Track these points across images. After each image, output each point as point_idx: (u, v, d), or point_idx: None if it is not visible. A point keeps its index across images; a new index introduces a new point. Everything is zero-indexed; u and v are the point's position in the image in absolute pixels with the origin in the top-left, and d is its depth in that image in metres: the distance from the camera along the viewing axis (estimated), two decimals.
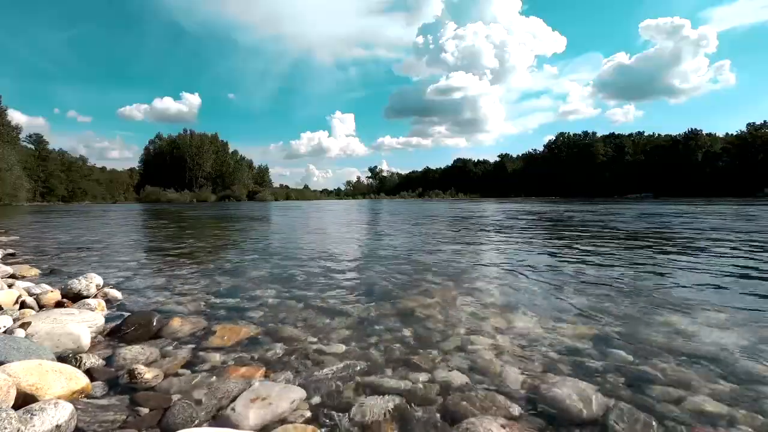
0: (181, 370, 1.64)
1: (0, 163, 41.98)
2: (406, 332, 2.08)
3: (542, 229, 8.56)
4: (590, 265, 3.97)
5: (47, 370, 1.38)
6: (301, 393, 1.42)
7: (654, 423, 1.26)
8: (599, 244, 5.74)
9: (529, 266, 4.01)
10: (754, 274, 3.51)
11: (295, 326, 2.18)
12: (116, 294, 2.80)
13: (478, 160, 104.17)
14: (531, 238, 6.70)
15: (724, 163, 58.11)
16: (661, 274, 3.54)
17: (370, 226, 10.45)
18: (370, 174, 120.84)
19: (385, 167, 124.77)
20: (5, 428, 1.03)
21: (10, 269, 3.39)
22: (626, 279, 3.32)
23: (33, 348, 1.57)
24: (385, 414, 1.33)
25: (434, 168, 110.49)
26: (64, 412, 1.17)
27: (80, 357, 1.66)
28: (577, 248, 5.30)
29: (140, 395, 1.42)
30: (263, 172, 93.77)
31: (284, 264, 4.24)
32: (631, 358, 1.74)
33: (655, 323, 2.19)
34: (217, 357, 1.77)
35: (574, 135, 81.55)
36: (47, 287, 2.76)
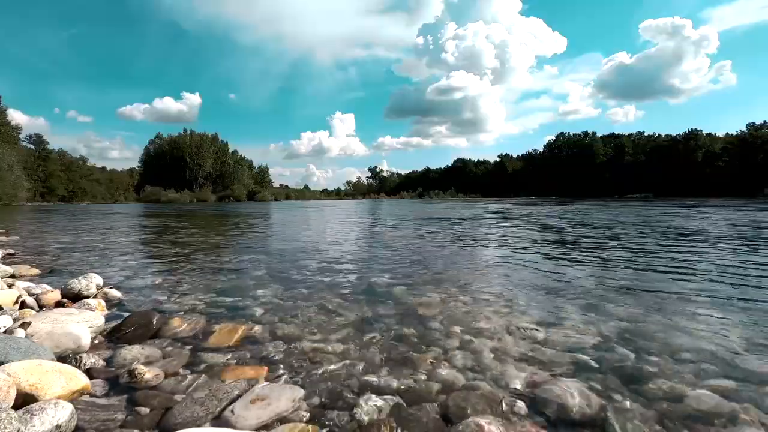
0: (181, 370, 1.64)
1: (0, 163, 41.93)
2: (406, 331, 2.08)
3: (542, 229, 8.55)
4: (590, 265, 3.97)
5: (47, 370, 1.38)
6: (300, 393, 1.43)
7: (653, 421, 1.26)
8: (599, 244, 5.74)
9: (529, 266, 4.01)
10: (754, 273, 3.50)
11: (295, 326, 2.18)
12: (116, 294, 2.80)
13: (479, 160, 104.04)
14: (530, 238, 6.70)
15: (724, 163, 58.06)
16: (661, 274, 3.53)
17: (370, 226, 10.45)
18: (370, 174, 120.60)
19: (385, 167, 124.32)
20: (5, 428, 1.03)
21: (10, 269, 3.38)
22: (625, 278, 3.32)
23: (33, 348, 1.57)
24: (385, 413, 1.33)
25: (434, 168, 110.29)
26: (64, 412, 1.17)
27: (80, 357, 1.66)
28: (576, 248, 5.30)
29: (140, 395, 1.42)
30: (263, 172, 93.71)
31: (284, 263, 4.24)
32: (630, 356, 1.74)
33: (654, 322, 2.19)
34: (217, 357, 1.77)
35: (574, 135, 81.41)
36: (47, 287, 2.77)
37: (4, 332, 1.79)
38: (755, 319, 2.24)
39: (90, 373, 1.56)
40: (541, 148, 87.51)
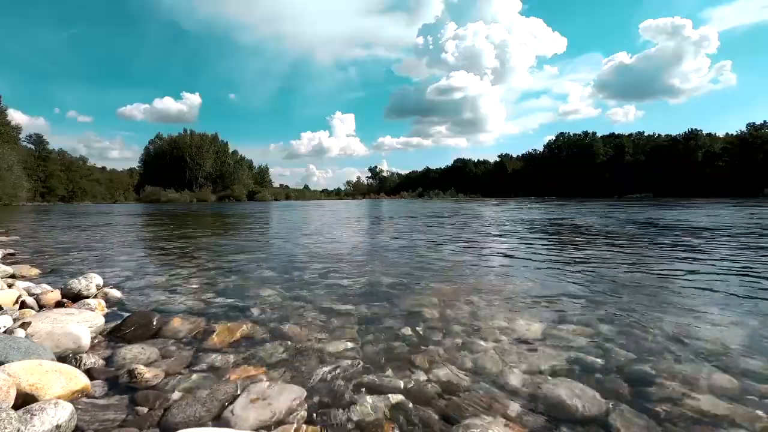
0: (181, 370, 1.64)
1: (0, 163, 41.92)
2: (406, 331, 2.08)
3: (542, 229, 8.55)
4: (590, 266, 3.97)
5: (47, 370, 1.38)
6: (301, 393, 1.42)
7: (654, 423, 1.26)
8: (598, 244, 5.74)
9: (529, 265, 4.01)
10: (754, 273, 3.50)
11: (296, 325, 2.17)
12: (116, 294, 2.80)
13: (479, 160, 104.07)
14: (531, 239, 6.70)
15: (724, 163, 58.03)
16: (661, 275, 3.53)
17: (370, 226, 10.45)
18: (370, 174, 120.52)
19: (385, 167, 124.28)
20: (5, 428, 1.03)
21: (10, 269, 3.38)
22: (626, 279, 3.32)
23: (33, 348, 1.57)
24: (384, 413, 1.33)
25: (434, 168, 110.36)
26: (64, 412, 1.17)
27: (80, 357, 1.66)
28: (576, 248, 5.30)
29: (140, 395, 1.42)
30: (263, 172, 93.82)
31: (284, 263, 4.24)
32: (631, 357, 1.74)
33: (655, 323, 2.19)
34: (217, 357, 1.77)
35: (574, 135, 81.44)
36: (47, 287, 2.76)
37: (4, 332, 1.79)
38: (757, 318, 2.24)
39: (90, 373, 1.56)
40: (541, 148, 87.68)
